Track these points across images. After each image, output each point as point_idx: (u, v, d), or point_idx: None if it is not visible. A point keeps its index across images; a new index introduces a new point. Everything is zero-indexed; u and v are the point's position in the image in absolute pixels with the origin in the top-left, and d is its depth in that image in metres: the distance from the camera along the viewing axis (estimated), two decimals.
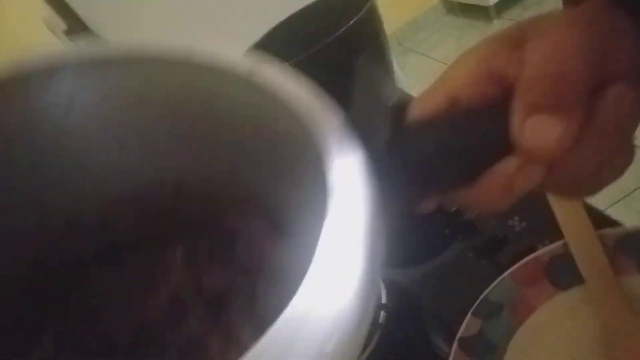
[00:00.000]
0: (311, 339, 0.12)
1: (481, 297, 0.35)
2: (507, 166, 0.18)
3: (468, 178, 0.18)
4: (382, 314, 0.37)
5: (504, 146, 0.17)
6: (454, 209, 0.40)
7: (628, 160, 0.20)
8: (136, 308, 0.26)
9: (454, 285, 0.42)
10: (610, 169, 0.19)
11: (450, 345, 0.33)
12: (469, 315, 0.34)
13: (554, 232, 0.35)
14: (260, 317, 0.23)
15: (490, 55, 0.19)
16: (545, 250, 0.35)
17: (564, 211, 0.35)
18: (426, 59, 2.24)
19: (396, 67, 0.83)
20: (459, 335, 0.34)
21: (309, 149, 0.16)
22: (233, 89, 0.19)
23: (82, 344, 0.25)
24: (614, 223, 0.38)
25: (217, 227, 0.27)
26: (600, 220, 0.35)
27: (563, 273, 0.34)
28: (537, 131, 0.16)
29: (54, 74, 0.19)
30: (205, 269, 0.27)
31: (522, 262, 0.35)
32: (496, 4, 2.10)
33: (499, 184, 0.18)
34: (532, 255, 0.35)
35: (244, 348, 0.11)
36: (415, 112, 0.20)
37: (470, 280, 0.40)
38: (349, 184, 0.15)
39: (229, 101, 0.20)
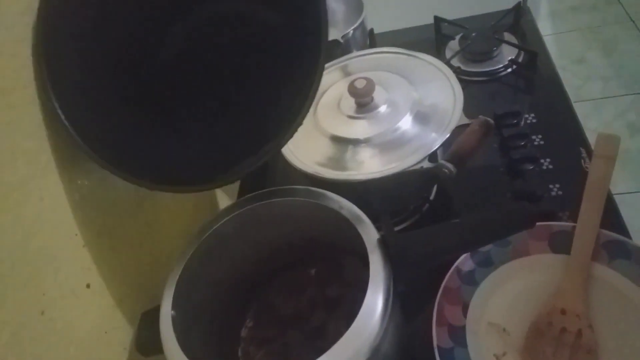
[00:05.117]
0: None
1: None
2: None
3: None
4: None
5: None
6: None
7: None
8: (291, 302, 0.51)
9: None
10: None
11: None
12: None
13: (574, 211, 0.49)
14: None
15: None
16: (559, 224, 0.50)
17: (588, 204, 0.48)
18: None
19: None
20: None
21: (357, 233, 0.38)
22: (328, 212, 0.42)
23: (267, 320, 0.50)
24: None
25: (332, 260, 0.50)
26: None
27: (561, 242, 0.48)
28: None
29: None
30: (327, 283, 0.51)
31: (541, 223, 0.49)
32: None
33: None
34: (549, 222, 0.50)
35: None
36: None
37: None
38: (378, 253, 0.36)
39: (328, 215, 0.42)
